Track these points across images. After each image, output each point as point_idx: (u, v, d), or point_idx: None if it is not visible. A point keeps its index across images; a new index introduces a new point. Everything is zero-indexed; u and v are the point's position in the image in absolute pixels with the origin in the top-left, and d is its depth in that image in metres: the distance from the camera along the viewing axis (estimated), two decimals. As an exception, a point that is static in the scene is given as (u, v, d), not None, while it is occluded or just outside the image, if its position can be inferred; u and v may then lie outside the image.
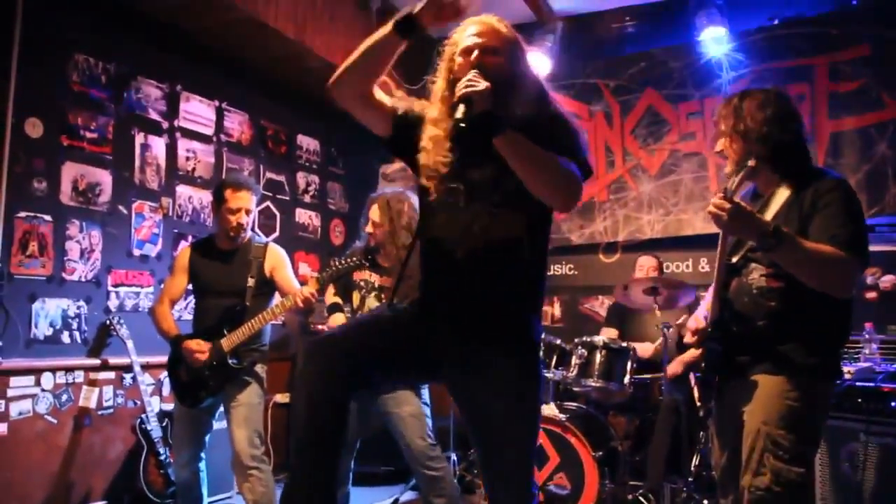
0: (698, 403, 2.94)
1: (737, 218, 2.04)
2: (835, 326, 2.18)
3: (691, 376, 3.79)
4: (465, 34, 1.93)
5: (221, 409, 3.33)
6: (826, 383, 2.19)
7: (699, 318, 2.39)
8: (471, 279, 1.94)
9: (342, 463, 3.24)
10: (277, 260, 3.40)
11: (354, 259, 3.16)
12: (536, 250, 1.99)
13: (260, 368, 3.34)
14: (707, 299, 2.51)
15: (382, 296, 3.45)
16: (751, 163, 2.13)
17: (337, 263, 3.16)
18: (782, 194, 2.22)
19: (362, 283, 3.52)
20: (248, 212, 3.32)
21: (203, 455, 3.34)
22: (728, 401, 2.29)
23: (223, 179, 3.48)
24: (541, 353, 1.96)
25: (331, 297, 3.61)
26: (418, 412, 3.30)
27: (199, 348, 3.20)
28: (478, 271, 1.93)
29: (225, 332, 3.23)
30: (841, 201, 2.11)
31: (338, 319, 3.48)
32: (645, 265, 4.67)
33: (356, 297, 3.54)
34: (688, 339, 2.38)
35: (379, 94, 1.98)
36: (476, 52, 1.87)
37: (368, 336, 1.95)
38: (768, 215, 2.20)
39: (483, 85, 1.76)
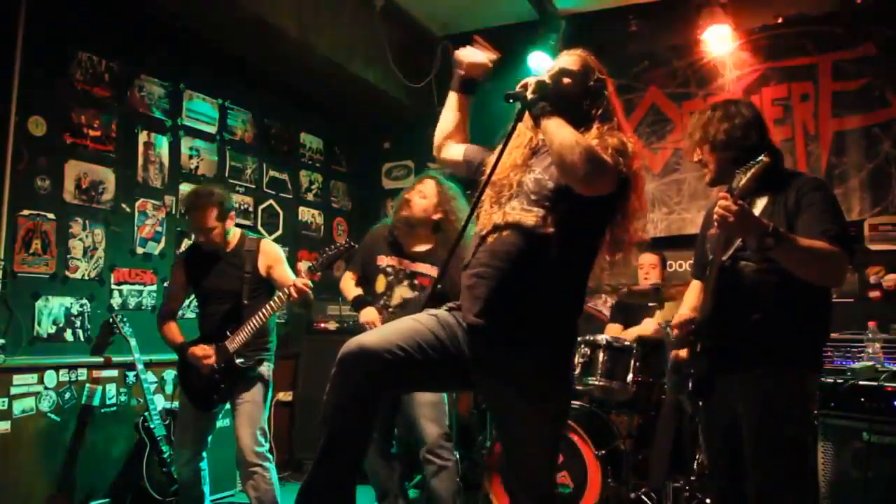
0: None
1: (742, 220, 2.08)
2: (820, 321, 2.29)
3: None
4: None
5: (226, 406, 3.35)
6: (815, 376, 2.33)
7: (683, 314, 2.46)
8: (493, 277, 1.96)
9: None
10: (272, 257, 3.37)
11: (343, 244, 3.16)
12: (568, 250, 1.98)
13: (266, 367, 3.34)
14: (690, 296, 2.54)
15: (415, 282, 3.39)
16: (765, 158, 2.09)
17: (328, 250, 3.17)
18: (763, 195, 2.29)
19: (389, 269, 3.44)
20: (205, 229, 3.26)
21: (205, 454, 3.36)
22: (720, 397, 2.32)
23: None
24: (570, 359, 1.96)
25: (353, 289, 3.52)
26: (438, 399, 3.28)
27: (206, 353, 3.22)
28: (500, 269, 1.96)
29: (228, 333, 3.24)
30: (825, 200, 2.22)
31: (370, 314, 3.35)
32: (646, 263, 4.66)
33: (381, 281, 3.45)
34: (675, 333, 2.43)
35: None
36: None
37: (407, 346, 1.88)
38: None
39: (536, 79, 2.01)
